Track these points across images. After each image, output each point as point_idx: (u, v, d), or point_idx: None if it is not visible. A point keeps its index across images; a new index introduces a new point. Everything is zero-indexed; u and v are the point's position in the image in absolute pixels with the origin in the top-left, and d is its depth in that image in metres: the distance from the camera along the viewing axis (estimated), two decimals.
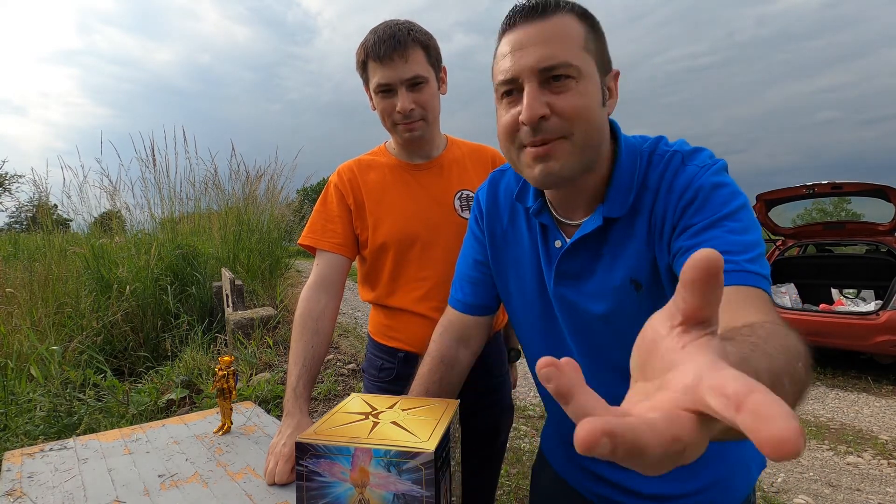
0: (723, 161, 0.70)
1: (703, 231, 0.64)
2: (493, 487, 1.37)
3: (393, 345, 1.25)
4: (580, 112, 0.67)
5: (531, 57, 0.67)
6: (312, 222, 1.23)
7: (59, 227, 5.10)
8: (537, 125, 0.67)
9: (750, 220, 0.64)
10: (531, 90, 0.67)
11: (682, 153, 0.71)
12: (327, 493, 0.63)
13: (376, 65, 1.10)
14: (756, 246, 0.62)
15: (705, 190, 0.66)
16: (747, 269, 0.59)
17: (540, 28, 0.68)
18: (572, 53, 0.67)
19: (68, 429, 2.39)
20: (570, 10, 0.70)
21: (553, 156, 0.69)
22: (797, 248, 5.46)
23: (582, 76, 0.67)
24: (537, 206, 0.81)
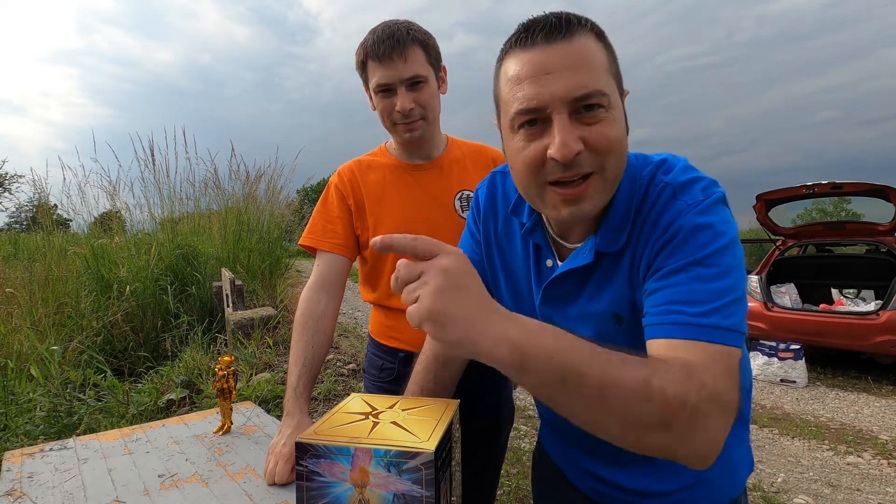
0: (718, 193, 0.65)
1: (670, 275, 0.62)
2: (493, 487, 1.37)
3: (393, 345, 1.25)
4: (613, 144, 0.63)
5: (560, 84, 0.61)
6: (313, 223, 1.23)
7: (59, 227, 5.10)
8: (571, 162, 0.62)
9: (726, 263, 0.61)
10: (563, 123, 0.61)
11: (673, 186, 0.67)
12: (327, 493, 0.63)
13: (376, 65, 1.10)
14: (725, 293, 0.59)
15: (685, 231, 0.62)
16: (696, 323, 0.57)
17: (566, 50, 0.61)
18: (602, 79, 0.62)
19: (68, 429, 2.39)
20: (591, 30, 0.64)
21: (586, 196, 0.64)
22: (797, 248, 5.46)
23: (611, 104, 0.63)
24: (531, 224, 0.78)
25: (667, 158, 0.72)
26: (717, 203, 0.64)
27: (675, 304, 0.60)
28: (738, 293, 0.60)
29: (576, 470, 0.91)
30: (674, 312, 0.60)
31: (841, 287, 5.11)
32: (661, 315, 0.61)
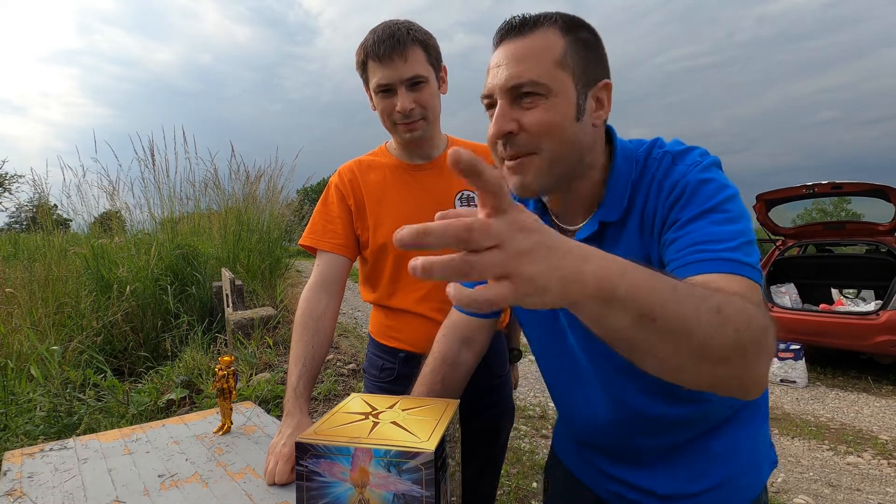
0: (713, 158, 0.71)
1: (687, 223, 0.66)
2: (493, 487, 1.37)
3: (394, 345, 1.25)
4: (546, 128, 0.69)
5: (503, 75, 0.70)
6: (313, 223, 1.23)
7: (59, 227, 5.10)
8: (506, 140, 0.71)
9: (736, 210, 0.66)
10: (500, 107, 0.71)
11: (672, 153, 0.73)
12: (327, 493, 0.63)
13: (376, 65, 1.10)
14: (739, 234, 0.63)
15: (692, 186, 0.68)
16: (725, 258, 0.61)
17: (516, 46, 0.71)
18: (541, 71, 0.69)
19: (68, 429, 2.39)
20: (553, 24, 0.71)
21: (523, 170, 0.72)
22: (797, 248, 5.46)
23: (552, 93, 0.69)
24: (536, 212, 0.82)
25: (659, 138, 0.78)
26: (714, 164, 0.70)
27: (700, 244, 0.63)
28: (751, 237, 0.64)
29: (593, 472, 0.91)
30: (701, 251, 0.63)
31: (841, 287, 5.11)
32: (689, 255, 0.64)
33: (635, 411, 0.79)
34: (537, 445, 3.06)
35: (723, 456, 0.77)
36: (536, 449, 3.01)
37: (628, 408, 0.80)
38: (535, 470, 2.75)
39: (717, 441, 0.77)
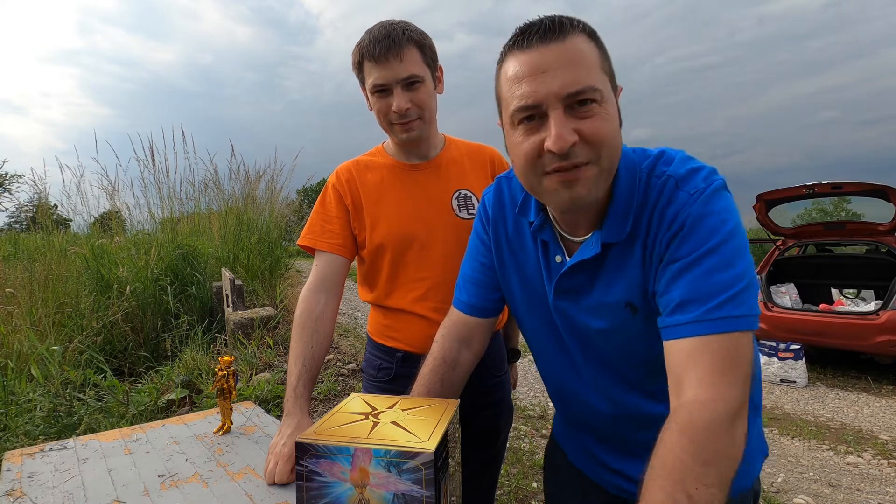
0: (718, 181, 0.69)
1: (681, 272, 0.66)
2: (493, 487, 1.37)
3: (392, 345, 1.25)
4: (606, 136, 0.67)
5: (556, 81, 0.65)
6: (311, 223, 1.23)
7: (59, 228, 5.10)
8: (567, 153, 0.66)
9: (734, 249, 0.65)
10: (558, 117, 0.66)
11: (675, 178, 0.71)
12: (327, 493, 0.63)
13: (372, 65, 1.10)
14: (734, 283, 0.64)
15: (691, 219, 0.67)
16: (708, 319, 0.63)
17: (560, 50, 0.66)
18: (595, 76, 0.66)
19: (68, 429, 2.39)
20: (583, 31, 0.68)
21: (580, 181, 0.68)
22: (797, 248, 5.46)
23: (604, 99, 0.67)
24: (539, 221, 0.82)
25: (665, 150, 0.76)
26: (718, 190, 0.68)
27: (687, 303, 0.65)
28: (746, 280, 0.64)
29: (593, 463, 0.92)
30: (687, 311, 0.65)
31: (841, 287, 5.11)
32: (675, 314, 0.66)
33: (627, 408, 0.81)
34: (537, 445, 3.06)
35: None
36: (536, 449, 3.01)
37: (621, 405, 0.82)
38: (535, 470, 2.75)
39: None
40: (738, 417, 0.59)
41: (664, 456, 0.60)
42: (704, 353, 0.62)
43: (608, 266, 0.75)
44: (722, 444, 0.58)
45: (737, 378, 0.61)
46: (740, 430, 0.59)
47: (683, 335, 0.64)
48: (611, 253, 0.75)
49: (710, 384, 0.61)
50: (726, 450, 0.58)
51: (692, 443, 0.58)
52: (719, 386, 0.60)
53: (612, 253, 0.75)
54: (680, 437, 0.60)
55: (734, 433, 0.59)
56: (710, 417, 0.59)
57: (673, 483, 0.57)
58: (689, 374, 0.63)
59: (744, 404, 0.60)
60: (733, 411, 0.59)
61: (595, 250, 0.74)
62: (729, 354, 0.62)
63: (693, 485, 0.56)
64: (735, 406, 0.59)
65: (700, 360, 0.62)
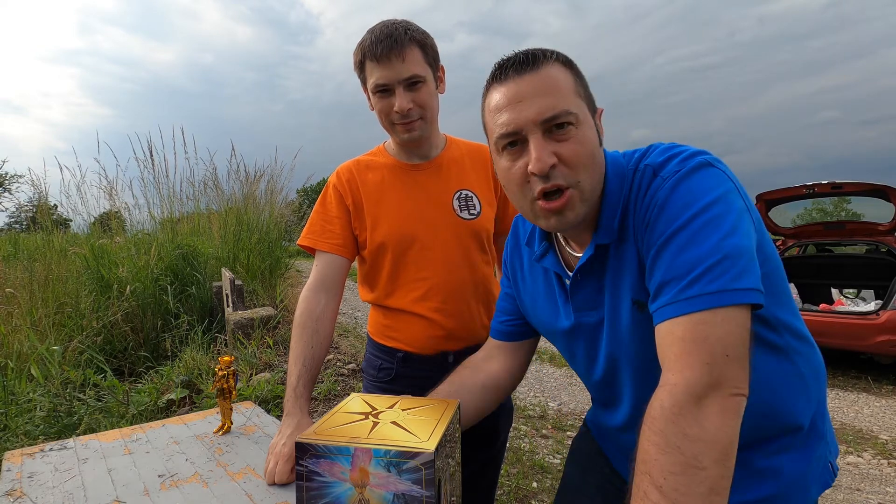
0: (697, 160, 0.68)
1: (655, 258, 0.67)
2: (492, 487, 1.37)
3: (392, 345, 1.25)
4: (584, 158, 0.70)
5: (532, 109, 0.69)
6: (311, 223, 1.23)
7: (59, 228, 5.10)
8: (547, 174, 0.69)
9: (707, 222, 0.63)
10: (537, 141, 0.69)
11: (653, 166, 0.72)
12: (327, 493, 0.63)
13: (374, 65, 1.10)
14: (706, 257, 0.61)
15: (661, 201, 0.67)
16: (679, 300, 0.62)
17: (535, 79, 0.70)
18: (569, 101, 0.70)
19: (68, 429, 2.39)
20: (556, 60, 0.72)
21: (566, 207, 0.71)
22: (797, 248, 5.46)
23: (580, 122, 0.70)
24: (541, 250, 0.86)
25: (652, 144, 0.77)
26: (696, 169, 0.67)
27: (661, 288, 0.65)
28: (723, 251, 0.61)
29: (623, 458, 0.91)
30: (661, 296, 0.65)
31: (841, 287, 5.11)
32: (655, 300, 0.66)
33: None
34: (537, 445, 3.06)
35: (764, 473, 0.74)
36: (536, 449, 3.01)
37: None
38: (535, 470, 2.75)
39: (759, 457, 0.75)
40: (704, 398, 0.57)
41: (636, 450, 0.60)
42: (672, 336, 0.62)
43: (609, 268, 0.76)
44: (683, 429, 0.56)
45: (701, 358, 0.59)
46: (712, 411, 0.57)
47: (661, 319, 0.64)
48: (609, 255, 0.76)
49: (675, 368, 0.60)
50: (690, 433, 0.56)
51: (653, 432, 0.58)
52: (681, 368, 0.59)
53: (610, 254, 0.76)
54: (645, 429, 0.60)
55: (699, 416, 0.57)
56: (668, 403, 0.58)
57: (642, 477, 0.57)
58: (663, 359, 0.63)
59: (713, 386, 0.58)
60: (695, 393, 0.57)
61: (589, 252, 0.76)
62: (695, 335, 0.60)
63: (660, 475, 0.55)
64: (698, 387, 0.58)
65: (671, 343, 0.62)
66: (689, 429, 0.56)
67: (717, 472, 0.55)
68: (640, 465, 0.58)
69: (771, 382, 0.72)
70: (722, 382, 0.58)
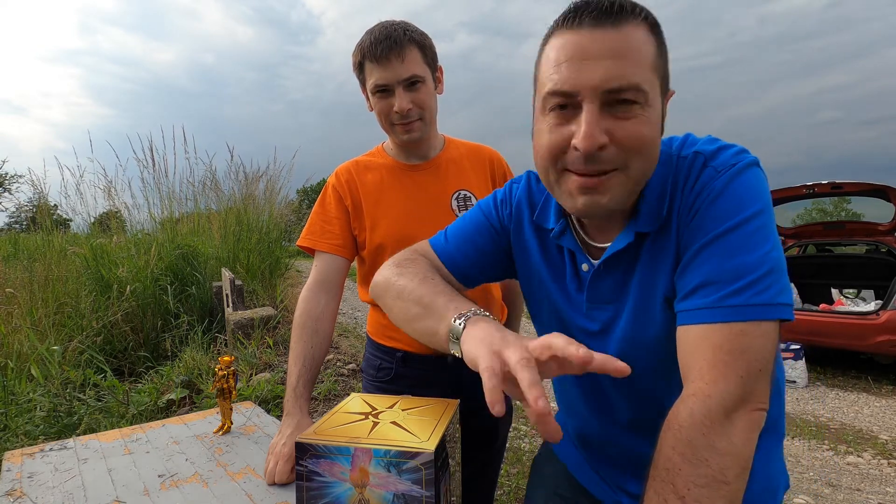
0: (750, 158, 0.63)
1: (697, 252, 0.62)
2: (492, 487, 1.37)
3: (391, 345, 1.25)
4: (642, 144, 0.61)
5: (597, 72, 0.58)
6: (311, 224, 1.23)
7: (59, 228, 5.10)
8: (593, 155, 0.60)
9: (759, 228, 0.59)
10: (591, 114, 0.59)
11: (704, 155, 0.65)
12: (327, 493, 0.63)
13: (373, 65, 1.10)
14: (757, 266, 0.58)
15: (714, 194, 0.61)
16: (721, 306, 0.58)
17: (611, 38, 0.59)
18: (643, 75, 0.59)
19: (68, 429, 2.39)
20: (644, 19, 0.61)
21: (603, 189, 0.62)
22: (797, 248, 5.46)
23: (648, 102, 0.60)
24: (559, 228, 0.76)
25: (689, 134, 0.71)
26: (749, 166, 0.62)
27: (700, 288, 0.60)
28: (771, 264, 0.58)
29: (598, 481, 0.87)
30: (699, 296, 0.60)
31: (841, 287, 5.11)
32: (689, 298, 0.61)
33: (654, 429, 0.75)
34: (537, 445, 3.06)
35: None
36: (536, 449, 3.01)
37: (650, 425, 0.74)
38: None
39: None
40: (734, 412, 0.55)
41: (657, 457, 0.57)
42: (708, 343, 0.58)
43: (643, 259, 0.68)
44: (713, 441, 0.54)
45: (737, 371, 0.56)
46: (740, 426, 0.55)
47: (694, 321, 0.60)
48: (645, 244, 0.68)
49: (708, 377, 0.57)
50: (720, 447, 0.54)
51: (680, 441, 0.56)
52: (716, 379, 0.56)
53: (647, 244, 0.68)
54: (670, 436, 0.57)
55: (729, 429, 0.55)
56: (699, 413, 0.56)
57: (664, 485, 0.55)
58: (692, 365, 0.59)
59: (744, 400, 0.56)
60: (727, 406, 0.55)
61: (628, 239, 0.67)
62: (734, 346, 0.57)
63: (684, 486, 0.53)
64: (731, 400, 0.55)
65: (705, 350, 0.58)
66: (719, 442, 0.54)
67: (738, 486, 0.54)
68: (663, 472, 0.55)
69: None
70: (751, 397, 0.56)
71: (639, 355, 0.70)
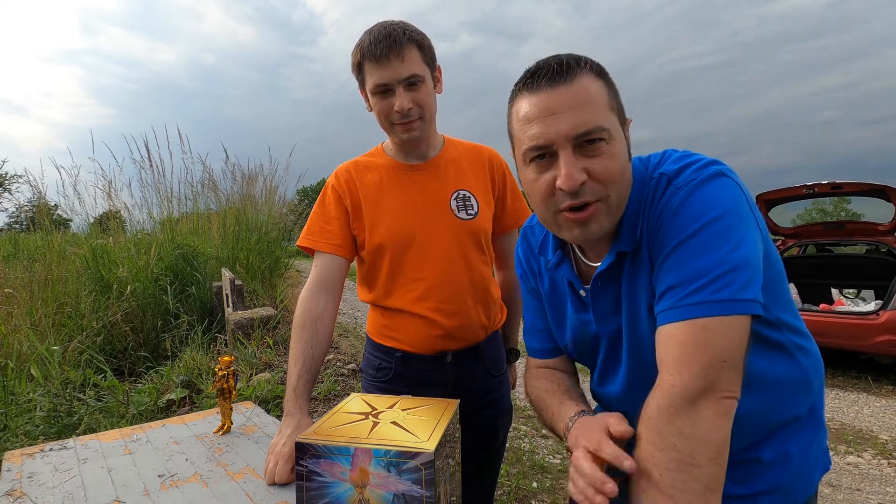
0: (711, 170, 0.69)
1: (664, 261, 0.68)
2: (492, 487, 1.37)
3: (391, 345, 1.25)
4: (614, 174, 0.69)
5: (565, 123, 0.68)
6: (310, 224, 1.23)
7: (59, 228, 5.10)
8: (577, 191, 0.69)
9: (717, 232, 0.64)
10: (567, 157, 0.68)
11: (668, 175, 0.72)
12: (327, 493, 0.63)
13: (373, 65, 1.10)
14: (714, 266, 0.63)
15: (674, 209, 0.68)
16: (682, 305, 0.64)
17: (568, 92, 0.68)
18: (602, 116, 0.69)
19: (68, 429, 2.39)
20: (590, 70, 0.71)
21: (591, 220, 0.71)
22: (797, 248, 5.46)
23: (612, 137, 0.69)
24: (556, 259, 0.84)
25: (666, 151, 0.77)
26: (709, 179, 0.68)
27: (668, 291, 0.67)
28: (731, 263, 0.63)
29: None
30: (666, 298, 0.66)
31: (841, 287, 5.11)
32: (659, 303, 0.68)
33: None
34: (537, 445, 3.06)
35: (773, 464, 0.76)
36: (536, 449, 3.01)
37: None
38: (535, 470, 2.75)
39: (768, 450, 0.76)
40: (699, 401, 0.60)
41: (635, 451, 0.63)
42: (675, 340, 0.64)
43: (625, 275, 0.76)
44: (679, 427, 0.59)
45: (700, 363, 0.61)
46: (705, 414, 0.60)
47: (663, 322, 0.66)
48: (624, 263, 0.76)
49: (673, 370, 0.63)
50: (686, 432, 0.59)
51: (650, 431, 0.61)
52: (679, 371, 0.62)
53: (626, 262, 0.76)
54: (642, 428, 0.62)
55: (694, 416, 0.59)
56: (664, 403, 0.61)
57: (641, 475, 0.60)
58: (663, 361, 0.65)
59: (708, 389, 0.60)
60: (691, 395, 0.60)
61: (610, 259, 0.75)
62: (698, 340, 0.62)
63: (657, 473, 0.58)
64: (694, 389, 0.60)
65: (672, 346, 0.64)
66: (685, 427, 0.59)
67: (712, 470, 0.58)
68: (639, 462, 0.61)
69: (780, 382, 0.75)
70: (716, 386, 0.61)
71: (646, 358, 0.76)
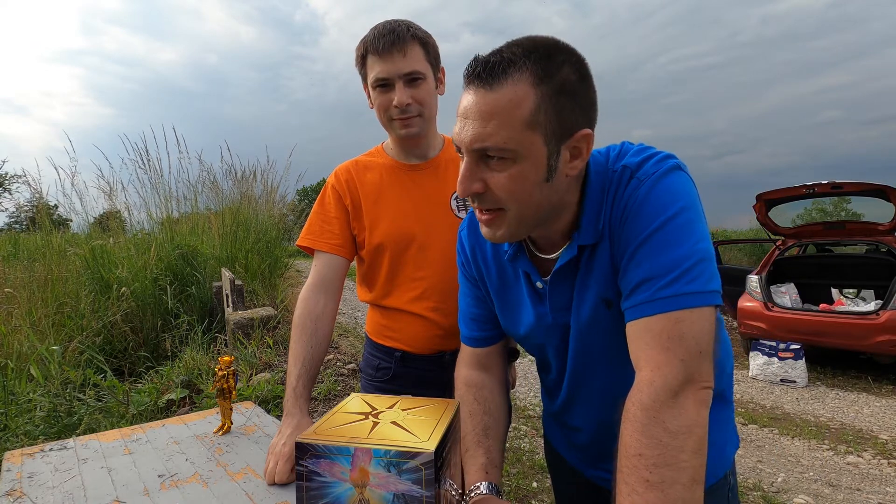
0: (670, 163, 0.69)
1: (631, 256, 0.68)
2: None
3: (390, 344, 1.25)
4: (513, 193, 0.67)
5: (469, 133, 0.66)
6: (310, 223, 1.23)
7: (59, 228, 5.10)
8: (474, 196, 0.69)
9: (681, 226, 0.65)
10: (466, 166, 0.68)
11: (630, 167, 0.71)
12: (327, 494, 0.63)
13: (375, 59, 1.10)
14: (682, 260, 0.64)
15: (638, 203, 0.68)
16: (655, 298, 0.64)
17: (484, 100, 0.64)
18: (510, 135, 0.63)
19: (68, 429, 2.39)
20: (525, 72, 0.63)
21: (494, 225, 0.71)
22: (797, 248, 5.46)
23: (520, 157, 0.65)
24: (512, 251, 0.82)
25: (623, 143, 0.77)
26: (668, 172, 0.68)
27: (638, 286, 0.66)
28: (697, 256, 0.65)
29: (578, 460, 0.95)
30: (638, 293, 0.67)
31: (841, 287, 5.11)
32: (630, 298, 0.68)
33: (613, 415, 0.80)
34: (537, 445, 3.06)
35: None
36: (536, 449, 3.01)
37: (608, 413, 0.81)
38: (535, 470, 2.75)
39: None
40: (681, 393, 0.61)
41: (620, 447, 0.62)
42: (650, 334, 0.64)
43: (583, 266, 0.76)
44: (664, 423, 0.59)
45: (678, 355, 0.62)
46: (687, 405, 0.60)
47: (636, 316, 0.66)
48: (584, 256, 0.75)
49: (653, 364, 0.63)
50: (671, 427, 0.59)
51: (636, 428, 0.60)
52: (659, 365, 0.62)
53: (585, 255, 0.75)
54: (627, 425, 0.62)
55: (678, 410, 0.60)
56: (648, 399, 0.61)
57: (630, 473, 0.59)
58: (639, 356, 0.65)
59: (688, 381, 0.61)
60: (673, 388, 0.61)
61: (571, 253, 0.75)
62: (673, 333, 0.62)
63: (647, 469, 0.58)
64: (675, 383, 0.61)
65: (648, 340, 0.64)
66: (670, 422, 0.59)
67: (697, 461, 0.59)
68: (626, 459, 0.60)
69: None
70: (695, 377, 0.62)
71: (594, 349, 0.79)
